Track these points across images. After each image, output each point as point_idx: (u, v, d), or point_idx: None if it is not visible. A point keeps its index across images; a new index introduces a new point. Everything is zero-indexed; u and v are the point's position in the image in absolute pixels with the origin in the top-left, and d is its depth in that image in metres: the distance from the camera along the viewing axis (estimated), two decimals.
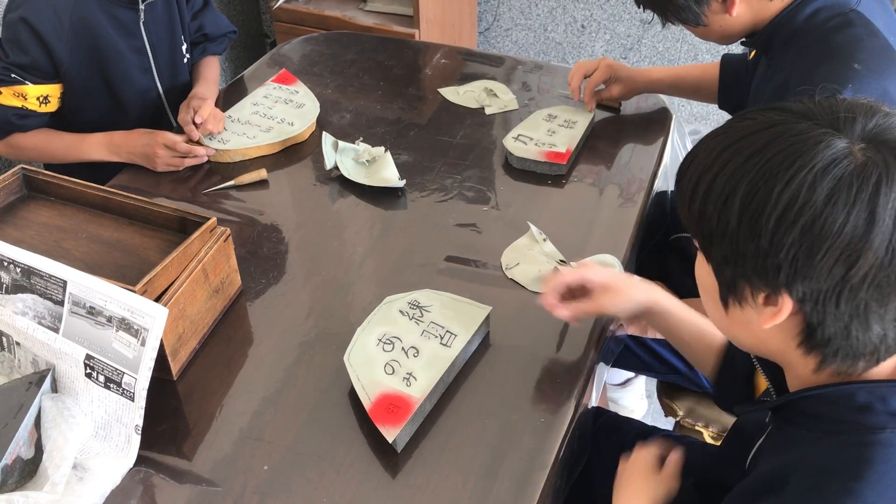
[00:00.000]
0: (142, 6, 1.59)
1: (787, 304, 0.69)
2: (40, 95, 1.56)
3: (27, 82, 1.52)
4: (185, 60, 1.76)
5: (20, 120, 1.56)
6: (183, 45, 1.74)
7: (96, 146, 1.58)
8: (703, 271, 0.78)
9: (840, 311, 0.66)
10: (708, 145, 0.73)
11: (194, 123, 1.55)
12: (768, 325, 0.71)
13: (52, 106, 1.59)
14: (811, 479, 0.69)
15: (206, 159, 1.56)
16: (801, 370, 0.75)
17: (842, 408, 0.72)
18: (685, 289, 1.16)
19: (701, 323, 1.09)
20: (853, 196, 0.63)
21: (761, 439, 0.86)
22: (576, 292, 1.11)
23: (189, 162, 1.54)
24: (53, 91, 1.57)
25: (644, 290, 1.09)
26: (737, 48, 2.77)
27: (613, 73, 1.64)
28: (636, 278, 1.11)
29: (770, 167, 0.67)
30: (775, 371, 0.84)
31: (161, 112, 1.75)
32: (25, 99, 1.54)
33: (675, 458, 1.04)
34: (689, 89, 1.68)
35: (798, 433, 0.76)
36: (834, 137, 0.66)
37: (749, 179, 0.67)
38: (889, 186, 0.64)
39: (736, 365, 1.05)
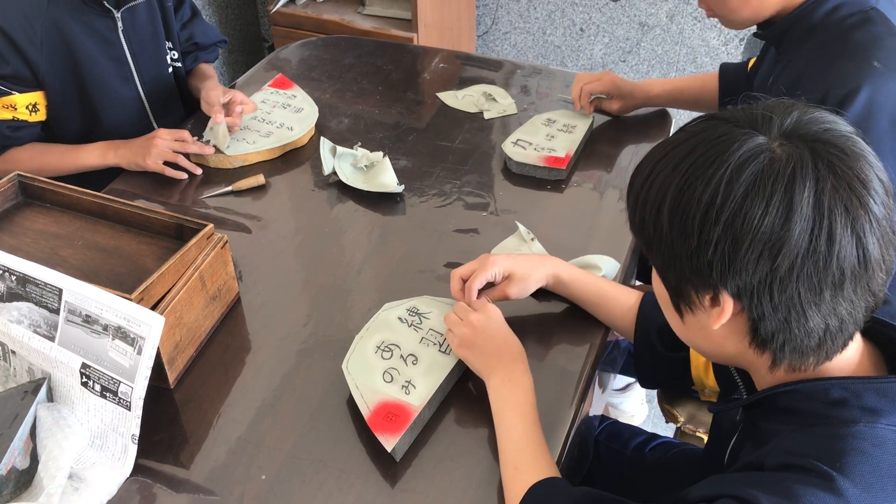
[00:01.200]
0: (117, 14, 1.56)
1: (727, 302, 0.71)
2: (29, 104, 1.54)
3: (14, 92, 1.50)
4: (171, 70, 1.74)
5: (14, 132, 1.54)
6: (167, 53, 1.72)
7: (92, 148, 1.56)
8: (656, 282, 0.81)
9: (775, 303, 0.68)
10: (648, 157, 0.77)
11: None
12: (717, 326, 0.73)
13: (41, 115, 1.57)
14: (787, 459, 0.70)
15: (195, 174, 1.54)
16: (761, 369, 0.77)
17: (817, 402, 0.72)
18: None
19: (603, 286, 1.17)
20: (769, 188, 0.66)
21: (735, 437, 0.87)
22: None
23: (182, 161, 1.52)
24: (40, 99, 1.55)
25: (543, 270, 1.16)
26: (732, 56, 2.76)
27: (614, 87, 1.63)
28: (535, 258, 1.18)
29: (693, 170, 0.70)
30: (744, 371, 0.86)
31: (145, 121, 1.72)
32: (15, 109, 1.52)
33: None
34: (689, 101, 1.67)
35: (773, 428, 0.76)
36: (752, 136, 0.69)
37: (675, 184, 0.71)
38: (804, 177, 0.66)
39: (651, 338, 1.11)
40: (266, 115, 1.69)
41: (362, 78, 1.88)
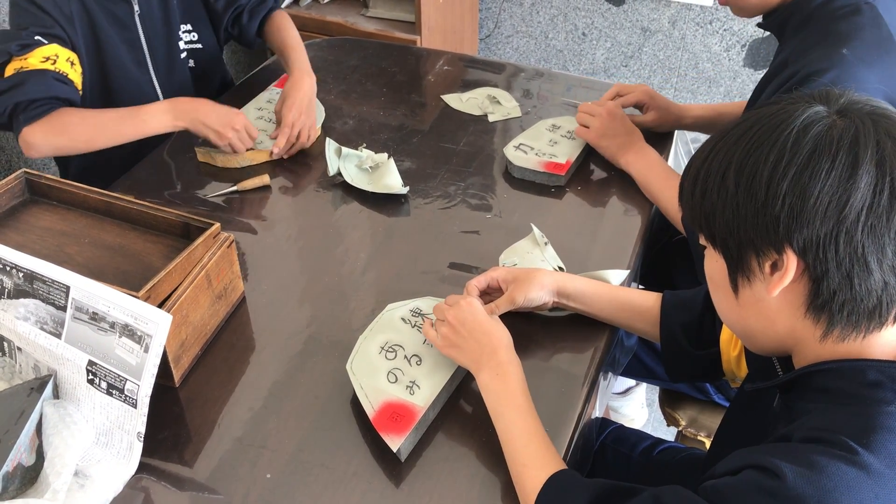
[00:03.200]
0: None
1: (791, 261, 0.72)
2: (70, 58, 1.45)
3: (54, 43, 1.42)
4: (183, 55, 1.73)
5: (61, 84, 1.43)
6: (180, 39, 1.71)
7: (158, 113, 1.48)
8: (711, 262, 0.83)
9: (840, 256, 0.70)
10: (703, 146, 0.80)
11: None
12: (776, 291, 0.75)
13: (77, 78, 1.48)
14: (814, 433, 0.71)
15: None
16: (810, 342, 0.77)
17: (852, 383, 0.74)
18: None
19: (618, 293, 1.17)
20: (834, 146, 0.70)
21: (768, 418, 0.87)
22: (492, 292, 1.20)
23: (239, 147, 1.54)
24: (76, 60, 1.48)
25: (549, 276, 1.17)
26: (734, 62, 2.77)
27: (650, 99, 1.62)
28: (543, 269, 1.19)
29: (757, 138, 0.74)
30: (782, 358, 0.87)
31: None
32: (57, 60, 1.42)
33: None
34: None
35: (805, 406, 0.77)
36: (812, 106, 0.74)
37: (741, 150, 0.75)
38: (867, 139, 0.70)
39: (677, 338, 1.12)
40: (272, 115, 1.69)
41: (367, 80, 1.89)
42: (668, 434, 2.05)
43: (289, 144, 1.58)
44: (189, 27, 1.72)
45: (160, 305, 1.05)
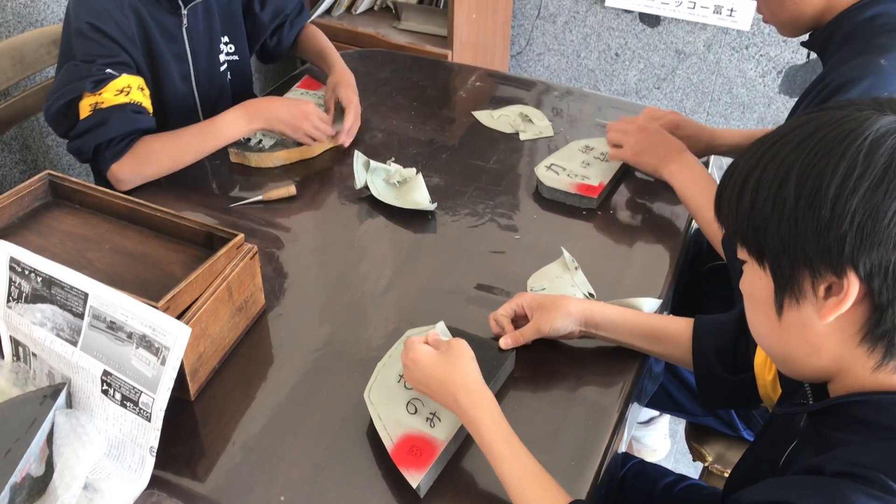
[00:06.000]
0: (184, 11, 1.57)
1: (853, 286, 0.66)
2: (140, 86, 1.47)
3: (124, 73, 1.43)
4: (223, 68, 1.73)
5: (139, 115, 1.46)
6: (220, 52, 1.71)
7: (233, 121, 1.52)
8: (753, 280, 0.76)
9: None
10: (750, 151, 0.74)
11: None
12: (830, 318, 0.69)
13: (148, 99, 1.50)
14: (849, 468, 0.66)
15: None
16: (858, 372, 0.72)
17: (891, 416, 0.69)
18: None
19: (650, 320, 1.12)
20: None
21: (795, 442, 0.82)
22: (518, 319, 1.16)
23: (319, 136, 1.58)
24: (144, 84, 1.49)
25: (578, 303, 1.12)
26: (769, 87, 2.72)
27: (676, 128, 1.54)
28: (569, 297, 1.14)
29: (823, 145, 0.67)
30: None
31: (194, 117, 1.71)
32: (130, 91, 1.44)
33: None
34: None
35: (839, 437, 0.72)
36: (883, 114, 0.67)
37: (803, 159, 0.67)
38: None
39: (711, 364, 1.06)
40: None
41: (397, 92, 1.87)
42: (691, 468, 2.00)
43: (357, 123, 1.64)
44: (227, 39, 1.72)
45: (179, 316, 1.03)
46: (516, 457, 0.91)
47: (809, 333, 0.72)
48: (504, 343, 1.12)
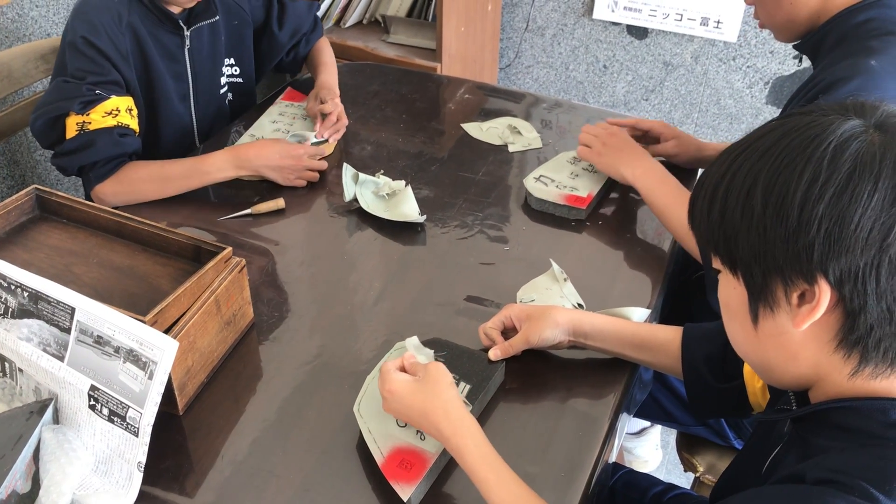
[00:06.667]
0: (187, 32, 1.56)
1: (824, 293, 0.66)
2: (129, 107, 1.47)
3: (112, 95, 1.43)
4: (223, 90, 1.73)
5: (125, 139, 1.45)
6: (222, 75, 1.71)
7: (222, 164, 1.50)
8: (727, 289, 0.76)
9: (881, 288, 0.65)
10: (720, 159, 0.74)
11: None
12: (805, 325, 0.68)
13: (136, 120, 1.50)
14: (831, 475, 0.65)
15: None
16: (836, 378, 0.72)
17: (873, 422, 0.69)
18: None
19: (638, 329, 1.12)
20: (877, 165, 0.64)
21: (778, 448, 0.82)
22: (508, 330, 1.16)
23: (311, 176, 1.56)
24: (132, 105, 1.49)
25: (566, 313, 1.12)
26: (756, 99, 2.74)
27: (665, 129, 1.59)
28: (557, 307, 1.14)
29: (788, 152, 0.67)
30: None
31: (189, 139, 1.71)
32: (119, 113, 1.44)
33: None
34: None
35: (822, 443, 0.72)
36: (847, 119, 0.67)
37: (769, 166, 0.68)
38: None
39: (700, 372, 1.06)
40: (288, 127, 1.71)
41: (386, 105, 1.87)
42: (682, 479, 2.00)
43: (343, 120, 1.66)
44: (232, 61, 1.73)
45: (167, 331, 1.02)
46: (501, 482, 0.90)
47: (786, 341, 0.72)
48: (493, 355, 1.12)
